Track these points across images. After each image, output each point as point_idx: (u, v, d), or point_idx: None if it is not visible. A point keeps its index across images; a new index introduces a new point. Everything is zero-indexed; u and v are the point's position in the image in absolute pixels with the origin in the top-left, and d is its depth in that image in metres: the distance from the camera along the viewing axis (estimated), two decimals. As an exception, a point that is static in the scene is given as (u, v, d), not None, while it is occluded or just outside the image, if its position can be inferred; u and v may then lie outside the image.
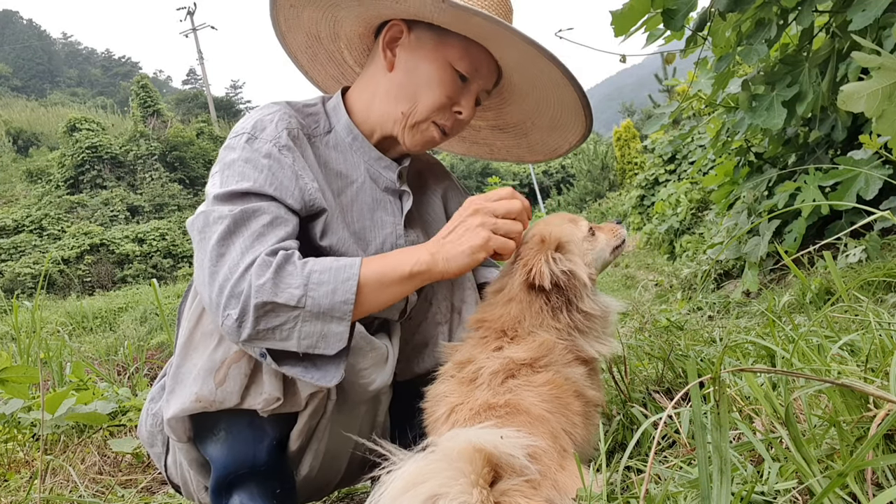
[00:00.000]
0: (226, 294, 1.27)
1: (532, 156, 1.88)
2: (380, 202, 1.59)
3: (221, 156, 1.45)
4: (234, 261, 1.29)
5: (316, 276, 1.29)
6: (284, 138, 1.44)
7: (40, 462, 2.23)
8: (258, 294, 1.25)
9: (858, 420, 0.96)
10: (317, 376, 1.34)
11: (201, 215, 1.36)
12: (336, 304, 1.29)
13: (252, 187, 1.36)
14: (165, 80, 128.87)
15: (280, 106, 1.52)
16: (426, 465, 0.92)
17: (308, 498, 1.68)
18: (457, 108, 1.54)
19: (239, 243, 1.31)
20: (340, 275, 1.31)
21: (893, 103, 1.55)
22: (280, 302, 1.26)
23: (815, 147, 3.55)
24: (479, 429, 1.01)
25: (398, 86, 1.53)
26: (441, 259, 1.36)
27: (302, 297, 1.27)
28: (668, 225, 8.58)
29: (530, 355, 1.30)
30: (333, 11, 1.58)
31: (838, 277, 1.93)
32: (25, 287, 22.27)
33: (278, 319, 1.27)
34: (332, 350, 1.31)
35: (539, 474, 1.01)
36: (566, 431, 1.19)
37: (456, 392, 1.27)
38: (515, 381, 1.24)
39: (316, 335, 1.29)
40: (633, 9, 2.89)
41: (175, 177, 30.98)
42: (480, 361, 1.31)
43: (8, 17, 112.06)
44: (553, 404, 1.21)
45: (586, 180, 22.94)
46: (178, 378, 1.41)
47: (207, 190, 1.42)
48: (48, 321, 11.03)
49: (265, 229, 1.33)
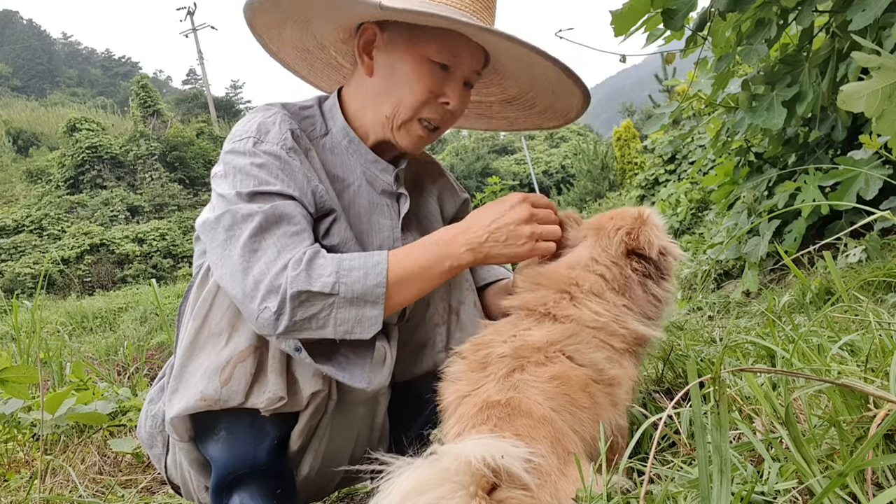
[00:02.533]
0: (263, 288, 1.30)
1: (547, 122, 1.82)
2: (376, 205, 1.59)
3: (228, 160, 1.43)
4: (270, 258, 1.32)
5: (346, 262, 1.33)
6: (290, 140, 1.44)
7: (40, 462, 2.23)
8: (293, 284, 1.28)
9: (858, 420, 0.96)
10: (347, 377, 1.38)
11: (227, 213, 1.37)
12: (369, 288, 1.32)
13: (274, 189, 1.37)
14: (165, 80, 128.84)
15: (277, 108, 1.52)
16: (426, 477, 0.92)
17: (309, 498, 1.68)
18: (443, 100, 1.50)
19: (273, 241, 1.34)
20: (370, 260, 1.35)
21: (893, 103, 1.55)
22: (315, 290, 1.29)
23: (815, 147, 3.55)
24: (480, 440, 1.00)
25: (380, 90, 1.52)
26: (483, 256, 1.41)
27: (335, 283, 1.30)
28: (667, 225, 8.58)
29: (548, 338, 1.29)
30: (307, 26, 1.58)
31: (838, 277, 1.93)
32: (25, 287, 22.27)
33: (314, 308, 1.30)
34: (368, 334, 1.34)
35: (538, 480, 1.01)
36: (573, 430, 1.18)
37: (465, 378, 1.27)
38: (521, 375, 1.22)
39: (351, 321, 1.33)
40: (633, 9, 2.89)
41: (175, 177, 30.95)
42: (495, 344, 1.30)
43: (8, 17, 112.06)
44: (559, 402, 1.19)
45: (586, 180, 22.92)
46: (181, 377, 1.41)
47: (221, 191, 1.42)
48: (48, 321, 11.03)
49: (298, 229, 1.36)
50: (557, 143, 43.30)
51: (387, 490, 0.93)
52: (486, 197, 15.74)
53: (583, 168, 23.59)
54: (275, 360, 1.39)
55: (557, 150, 41.16)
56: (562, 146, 41.65)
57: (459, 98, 1.52)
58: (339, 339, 1.35)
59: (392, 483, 0.94)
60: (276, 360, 1.39)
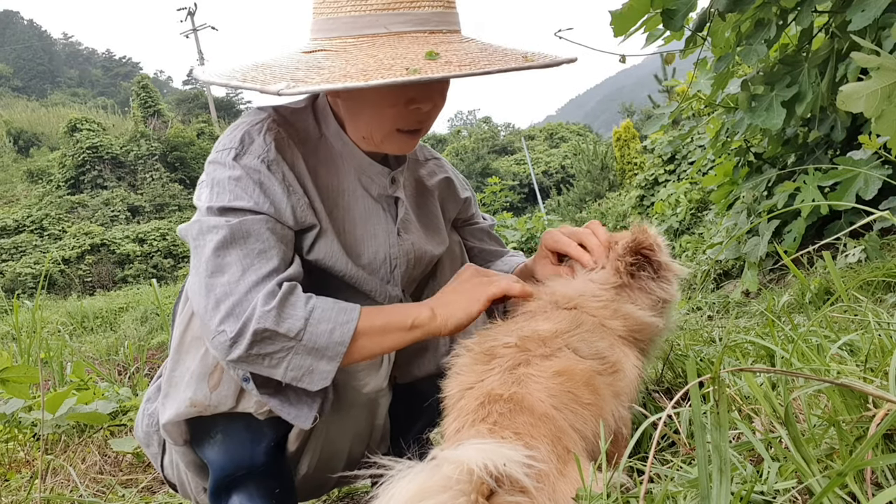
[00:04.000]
0: (223, 310, 1.26)
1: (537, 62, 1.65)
2: (371, 211, 1.54)
3: (209, 170, 1.39)
4: (233, 277, 1.28)
5: (318, 312, 1.30)
6: (273, 152, 1.38)
7: (41, 462, 2.23)
8: (261, 320, 1.24)
9: (858, 420, 0.96)
10: (292, 414, 1.36)
11: (196, 223, 1.35)
12: (331, 344, 1.29)
13: (246, 205, 1.33)
14: (166, 81, 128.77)
15: (267, 113, 1.45)
16: (427, 483, 0.92)
17: (307, 496, 1.68)
18: (413, 106, 1.39)
19: (236, 257, 1.29)
20: (341, 316, 1.31)
21: (892, 103, 1.55)
22: (280, 331, 1.26)
23: (814, 147, 3.55)
24: (480, 446, 1.00)
25: (348, 111, 1.45)
26: (440, 315, 1.37)
27: (301, 330, 1.27)
28: (667, 225, 8.58)
29: (556, 328, 1.30)
30: None
31: (837, 277, 1.93)
32: (26, 287, 22.28)
33: (272, 347, 1.27)
34: (315, 386, 1.32)
35: (537, 483, 1.01)
36: (574, 428, 1.18)
37: (469, 371, 1.26)
38: (526, 369, 1.22)
39: (304, 369, 1.30)
40: (633, 9, 2.90)
41: (176, 177, 30.97)
42: (501, 335, 1.30)
43: (9, 18, 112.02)
44: (562, 399, 1.19)
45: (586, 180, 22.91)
46: (171, 382, 1.41)
47: (197, 202, 1.39)
48: (49, 321, 11.03)
49: (264, 247, 1.32)
50: (557, 144, 43.31)
51: (387, 495, 0.93)
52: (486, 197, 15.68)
53: (582, 168, 23.58)
54: None
55: (557, 151, 41.16)
56: (562, 146, 41.66)
57: (430, 97, 1.41)
58: (284, 385, 1.33)
59: (392, 488, 0.94)
60: None
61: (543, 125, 52.56)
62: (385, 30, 1.31)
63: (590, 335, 1.32)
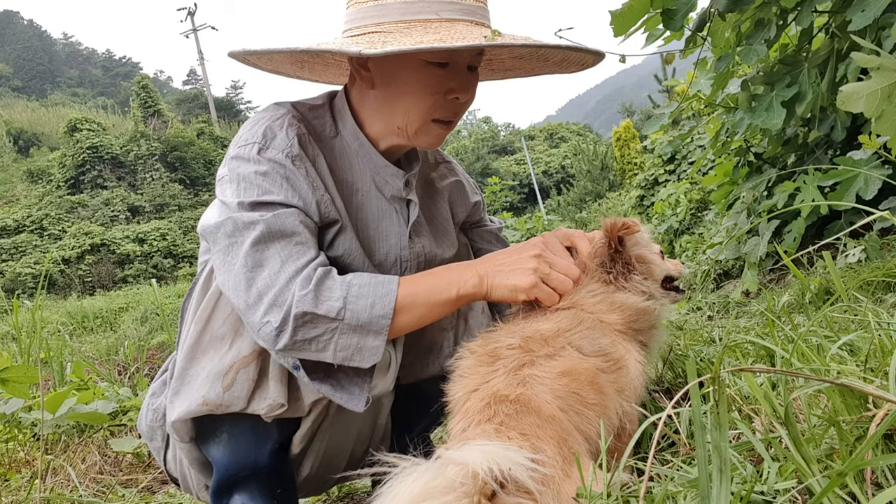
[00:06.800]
0: (266, 301, 1.28)
1: (566, 69, 1.65)
2: (385, 212, 1.55)
3: (232, 165, 1.40)
4: (273, 269, 1.30)
5: (356, 289, 1.31)
6: (296, 147, 1.40)
7: (41, 462, 2.23)
8: (299, 304, 1.26)
9: (858, 420, 0.96)
10: (344, 398, 1.37)
11: (229, 220, 1.34)
12: (374, 318, 1.30)
13: (277, 199, 1.35)
14: (166, 81, 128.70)
15: (286, 109, 1.47)
16: (430, 484, 0.92)
17: (308, 494, 1.69)
18: (452, 96, 1.44)
19: (276, 251, 1.31)
20: (379, 289, 1.32)
21: (893, 103, 1.55)
22: (320, 313, 1.27)
23: (814, 147, 3.55)
24: (485, 448, 0.99)
25: (384, 101, 1.46)
26: (487, 285, 1.38)
27: (341, 309, 1.28)
28: (667, 225, 8.57)
29: (558, 327, 1.30)
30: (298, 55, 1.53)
31: (837, 277, 1.93)
32: (26, 287, 22.28)
33: (316, 330, 1.28)
34: (367, 363, 1.33)
35: (542, 486, 1.01)
36: (579, 430, 1.18)
37: (474, 373, 1.26)
38: (531, 370, 1.22)
39: (352, 347, 1.31)
40: (633, 9, 2.89)
41: (176, 177, 30.96)
42: (504, 336, 1.30)
43: (9, 18, 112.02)
44: (567, 400, 1.18)
45: (586, 180, 22.94)
46: (183, 380, 1.41)
47: (222, 197, 1.39)
48: (49, 321, 11.03)
49: (301, 239, 1.34)
50: (557, 144, 43.31)
51: (391, 493, 0.93)
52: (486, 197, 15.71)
53: (582, 168, 23.60)
54: (277, 367, 1.38)
55: (557, 151, 41.16)
56: (562, 146, 41.65)
57: (467, 89, 1.46)
58: (336, 365, 1.34)
59: (396, 486, 0.93)
60: (278, 366, 1.38)
61: (543, 125, 52.56)
62: (436, 16, 1.36)
63: (591, 332, 1.32)
